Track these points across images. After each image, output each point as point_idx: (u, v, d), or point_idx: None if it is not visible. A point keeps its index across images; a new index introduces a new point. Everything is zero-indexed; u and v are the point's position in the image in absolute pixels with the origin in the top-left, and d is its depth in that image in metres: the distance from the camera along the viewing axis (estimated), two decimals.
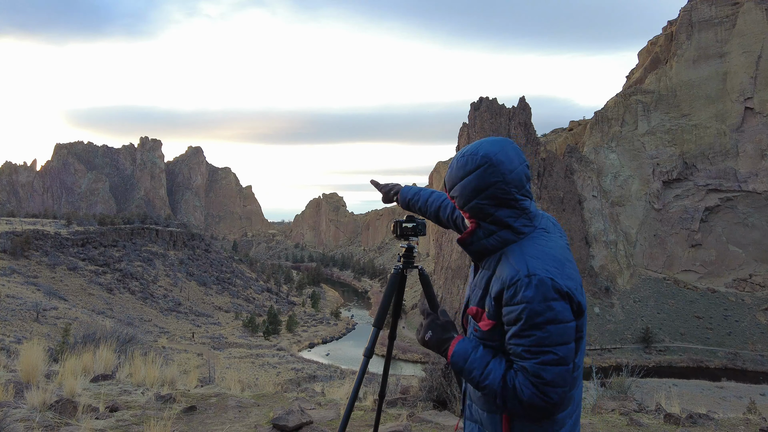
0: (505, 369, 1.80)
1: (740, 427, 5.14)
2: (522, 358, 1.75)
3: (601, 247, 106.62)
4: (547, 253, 1.84)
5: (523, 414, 1.78)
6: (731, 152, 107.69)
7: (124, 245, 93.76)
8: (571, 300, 1.78)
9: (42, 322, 44.38)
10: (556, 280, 1.76)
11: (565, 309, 1.76)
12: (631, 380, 6.94)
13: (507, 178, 1.86)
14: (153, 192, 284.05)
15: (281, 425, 4.51)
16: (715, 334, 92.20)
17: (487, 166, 1.85)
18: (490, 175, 1.85)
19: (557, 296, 1.75)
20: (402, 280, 2.66)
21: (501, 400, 1.78)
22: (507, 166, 1.87)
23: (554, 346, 1.72)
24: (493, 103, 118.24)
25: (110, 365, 6.59)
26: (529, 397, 1.72)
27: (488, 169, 1.85)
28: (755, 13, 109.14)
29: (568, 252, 1.94)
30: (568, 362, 1.75)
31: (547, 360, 1.72)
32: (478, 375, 1.82)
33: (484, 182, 1.85)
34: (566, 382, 1.75)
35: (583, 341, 1.90)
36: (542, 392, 1.72)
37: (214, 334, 73.96)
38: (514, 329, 1.77)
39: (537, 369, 1.72)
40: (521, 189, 1.90)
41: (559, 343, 1.73)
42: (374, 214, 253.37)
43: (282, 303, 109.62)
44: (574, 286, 1.80)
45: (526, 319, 1.73)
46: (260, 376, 44.22)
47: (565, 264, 1.84)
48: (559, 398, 1.74)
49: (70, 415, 4.58)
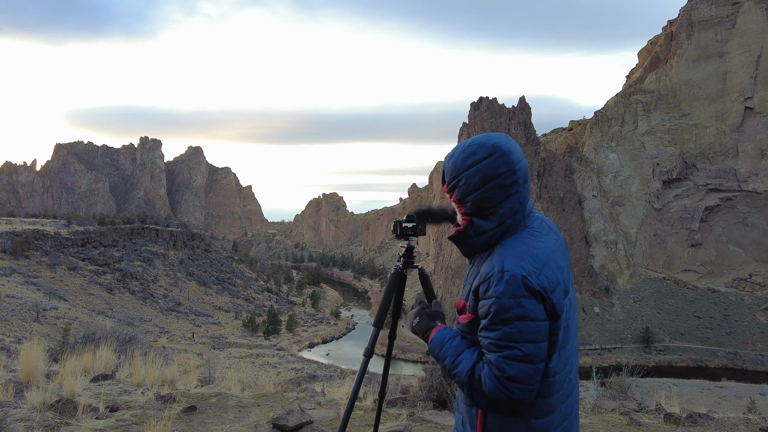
0: (474, 360, 1.81)
1: (740, 427, 5.14)
2: (489, 351, 1.77)
3: (601, 247, 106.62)
4: (528, 251, 1.84)
5: (487, 407, 1.79)
6: (731, 152, 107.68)
7: (124, 245, 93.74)
8: (545, 300, 1.77)
9: (42, 322, 44.37)
10: (529, 278, 1.76)
11: (536, 308, 1.75)
12: (631, 380, 6.94)
13: (515, 167, 1.87)
14: (153, 192, 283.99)
15: (281, 425, 4.51)
16: (715, 333, 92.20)
17: (498, 155, 1.85)
18: (502, 164, 1.85)
19: (528, 294, 1.74)
20: (402, 280, 2.66)
21: (468, 390, 1.80)
22: (516, 156, 1.89)
23: (520, 342, 1.72)
24: (493, 103, 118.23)
25: (110, 365, 6.59)
26: (490, 389, 1.73)
27: (499, 158, 1.85)
28: (755, 12, 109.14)
29: (557, 254, 1.92)
30: (534, 361, 1.74)
31: (510, 355, 1.72)
32: (450, 363, 1.85)
33: (494, 171, 1.85)
34: (531, 379, 1.73)
35: (566, 348, 1.87)
36: (504, 386, 1.72)
37: (214, 334, 73.94)
38: (483, 322, 1.79)
39: (500, 363, 1.73)
40: (525, 182, 1.92)
41: (526, 340, 1.73)
42: (374, 214, 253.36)
43: (282, 303, 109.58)
44: (550, 287, 1.78)
45: (494, 313, 1.75)
46: (260, 375, 44.23)
47: (547, 264, 1.82)
48: (522, 395, 1.73)
49: (70, 415, 4.58)
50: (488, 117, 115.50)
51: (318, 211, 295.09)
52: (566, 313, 1.87)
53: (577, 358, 2.01)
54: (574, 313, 1.96)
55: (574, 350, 1.95)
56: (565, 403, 1.91)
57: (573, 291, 1.99)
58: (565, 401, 1.91)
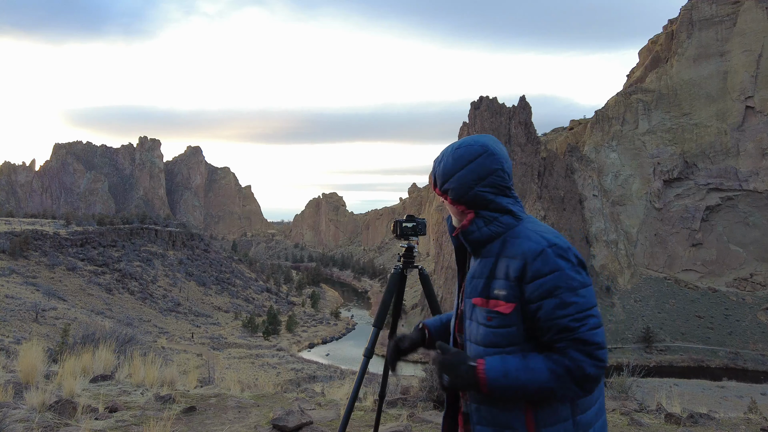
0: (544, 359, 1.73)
1: (741, 427, 5.13)
2: (571, 329, 1.70)
3: (602, 247, 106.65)
4: (552, 230, 1.89)
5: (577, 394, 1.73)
6: (732, 151, 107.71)
7: (123, 245, 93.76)
8: (585, 267, 1.81)
9: (41, 322, 44.37)
10: (573, 248, 1.81)
11: (586, 274, 1.79)
12: (632, 380, 6.94)
13: (504, 166, 1.92)
14: (152, 192, 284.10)
15: (281, 425, 4.50)
16: (715, 333, 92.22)
17: (487, 155, 1.90)
18: (491, 163, 1.90)
19: (576, 261, 1.78)
20: (402, 280, 2.66)
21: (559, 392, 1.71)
22: (503, 155, 1.94)
23: (592, 308, 1.74)
24: (493, 102, 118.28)
25: (109, 366, 6.58)
26: (591, 368, 1.69)
27: (488, 158, 1.90)
28: (756, 11, 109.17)
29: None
30: (602, 324, 1.77)
31: (592, 324, 1.72)
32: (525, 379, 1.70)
33: (485, 170, 1.89)
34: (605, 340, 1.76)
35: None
36: (597, 358, 1.69)
37: (213, 335, 73.94)
38: (554, 301, 1.72)
39: (588, 336, 1.70)
40: (511, 180, 1.97)
41: (593, 305, 1.75)
42: (374, 214, 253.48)
43: (282, 303, 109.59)
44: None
45: (564, 286, 1.72)
46: (260, 376, 44.19)
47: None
48: (606, 360, 1.74)
49: (69, 415, 4.56)
50: (488, 116, 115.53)
51: (318, 211, 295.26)
52: None
53: None
54: None
55: None
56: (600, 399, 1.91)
57: None
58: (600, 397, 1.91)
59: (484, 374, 1.74)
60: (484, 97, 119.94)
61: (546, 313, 1.73)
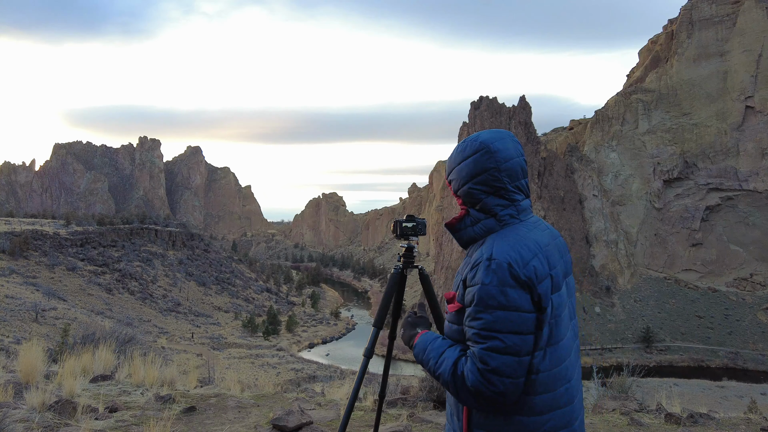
0: (457, 356, 1.79)
1: (741, 427, 5.13)
2: (473, 342, 1.75)
3: (602, 247, 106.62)
4: (519, 242, 1.84)
5: (474, 404, 1.76)
6: (732, 151, 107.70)
7: (123, 245, 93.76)
8: (531, 290, 1.75)
9: (41, 322, 44.36)
10: (515, 267, 1.75)
11: (522, 298, 1.73)
12: (632, 380, 6.94)
13: (501, 166, 1.91)
14: (152, 192, 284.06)
15: (281, 425, 4.50)
16: (715, 333, 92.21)
17: (483, 152, 1.92)
18: (486, 161, 1.91)
19: (514, 283, 1.73)
20: (402, 280, 2.66)
21: (453, 389, 1.77)
22: (503, 155, 1.92)
23: (503, 333, 1.70)
24: (493, 102, 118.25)
25: (109, 366, 6.58)
26: (473, 383, 1.70)
27: (484, 155, 1.91)
28: (755, 11, 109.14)
29: (550, 250, 1.92)
30: (518, 353, 1.71)
31: (493, 346, 1.69)
32: (433, 364, 1.84)
33: (479, 167, 1.91)
34: (514, 372, 1.70)
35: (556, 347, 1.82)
36: (486, 379, 1.69)
37: (213, 335, 73.95)
38: (468, 310, 1.78)
39: (483, 354, 1.70)
40: (514, 180, 1.95)
41: (510, 331, 1.70)
42: (374, 214, 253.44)
43: (282, 303, 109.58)
44: (537, 279, 1.77)
45: (478, 300, 1.74)
46: (260, 376, 44.19)
47: (537, 256, 1.82)
48: (505, 388, 1.69)
49: (69, 415, 4.56)
50: (488, 116, 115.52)
51: (318, 211, 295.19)
52: (557, 309, 1.83)
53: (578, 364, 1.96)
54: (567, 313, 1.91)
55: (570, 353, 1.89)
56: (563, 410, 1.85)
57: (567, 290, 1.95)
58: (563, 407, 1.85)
59: (414, 341, 1.99)
60: (484, 97, 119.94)
61: (464, 319, 1.81)
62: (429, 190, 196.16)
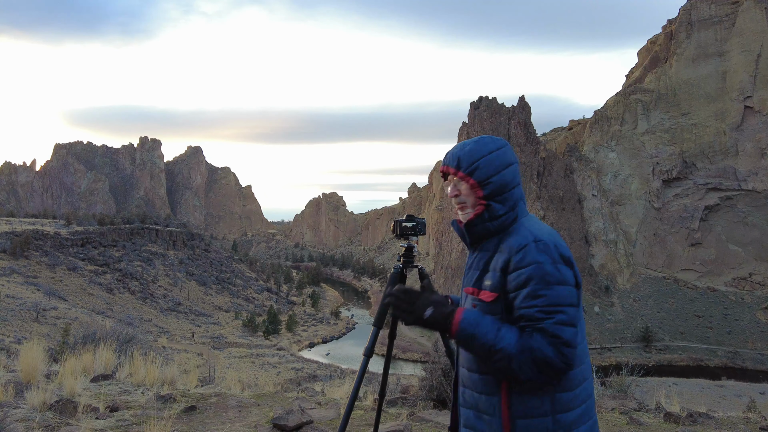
0: (518, 332, 1.81)
1: (740, 426, 5.15)
2: (536, 319, 1.79)
3: (601, 246, 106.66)
4: (548, 228, 2.01)
5: (535, 377, 1.78)
6: (731, 151, 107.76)
7: (123, 245, 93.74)
8: (573, 267, 1.88)
9: (42, 322, 44.38)
10: (559, 247, 1.89)
11: (569, 273, 1.85)
12: (631, 379, 6.95)
13: (517, 161, 2.11)
14: (152, 192, 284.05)
15: (281, 425, 4.51)
16: (714, 332, 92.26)
17: (507, 147, 2.08)
18: (511, 156, 2.07)
19: (561, 261, 1.85)
20: (402, 280, 2.67)
21: (516, 364, 1.77)
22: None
23: (564, 306, 1.80)
24: (492, 102, 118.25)
25: (110, 365, 6.59)
26: (553, 356, 1.74)
27: (509, 150, 2.08)
28: (754, 11, 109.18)
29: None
30: (575, 324, 1.82)
31: (560, 320, 1.78)
32: (492, 338, 1.79)
33: (508, 159, 2.05)
34: (576, 343, 1.80)
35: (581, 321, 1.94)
36: (560, 352, 1.75)
37: (214, 334, 73.95)
38: (525, 291, 1.82)
39: (554, 328, 1.76)
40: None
41: (568, 304, 1.81)
42: (374, 214, 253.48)
43: (282, 303, 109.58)
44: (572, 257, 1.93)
45: (537, 279, 1.81)
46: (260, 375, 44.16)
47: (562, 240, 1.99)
48: (573, 358, 1.79)
49: (70, 415, 4.58)
50: (488, 116, 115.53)
51: (318, 211, 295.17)
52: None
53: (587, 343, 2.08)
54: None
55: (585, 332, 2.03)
56: (587, 381, 1.97)
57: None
58: (588, 379, 1.97)
59: (459, 315, 1.86)
60: (483, 97, 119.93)
61: (519, 302, 1.83)
62: (429, 190, 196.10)
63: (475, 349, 1.84)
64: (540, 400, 1.84)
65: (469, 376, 2.00)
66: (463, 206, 2.07)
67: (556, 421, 1.84)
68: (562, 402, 1.86)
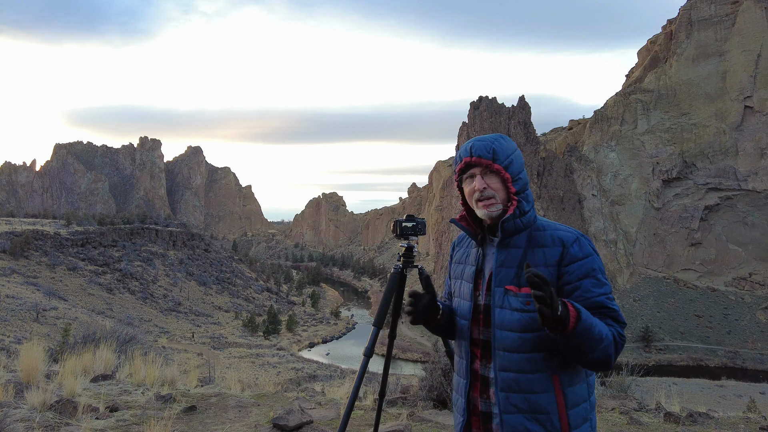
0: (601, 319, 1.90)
1: (740, 426, 5.15)
2: (605, 306, 1.90)
3: (601, 246, 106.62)
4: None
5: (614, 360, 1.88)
6: (731, 151, 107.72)
7: (123, 245, 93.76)
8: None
9: (42, 322, 44.40)
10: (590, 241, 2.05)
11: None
12: (631, 379, 6.95)
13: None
14: (152, 192, 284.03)
15: (281, 425, 4.51)
16: (714, 332, 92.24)
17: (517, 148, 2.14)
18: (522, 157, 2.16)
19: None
20: (402, 280, 2.66)
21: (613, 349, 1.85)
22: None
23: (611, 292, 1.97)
24: (492, 102, 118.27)
25: (110, 365, 6.59)
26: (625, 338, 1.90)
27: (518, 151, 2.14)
28: (754, 11, 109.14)
29: None
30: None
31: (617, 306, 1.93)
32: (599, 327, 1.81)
33: (522, 160, 2.13)
34: None
35: None
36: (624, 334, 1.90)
37: (214, 334, 73.95)
38: (590, 281, 1.91)
39: (620, 314, 1.92)
40: None
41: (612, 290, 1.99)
42: (374, 214, 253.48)
43: (282, 303, 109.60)
44: None
45: (597, 269, 1.94)
46: (260, 375, 44.19)
47: None
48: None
49: (70, 415, 4.58)
50: (488, 116, 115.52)
51: (318, 211, 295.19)
52: None
53: None
54: None
55: None
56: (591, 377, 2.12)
57: None
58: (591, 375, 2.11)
59: (576, 311, 1.75)
60: (483, 97, 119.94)
61: (585, 291, 1.90)
62: (428, 190, 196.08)
63: (586, 341, 1.76)
64: (583, 387, 1.96)
65: (515, 379, 1.90)
66: (492, 201, 2.00)
67: (591, 403, 1.98)
68: (590, 384, 2.00)
